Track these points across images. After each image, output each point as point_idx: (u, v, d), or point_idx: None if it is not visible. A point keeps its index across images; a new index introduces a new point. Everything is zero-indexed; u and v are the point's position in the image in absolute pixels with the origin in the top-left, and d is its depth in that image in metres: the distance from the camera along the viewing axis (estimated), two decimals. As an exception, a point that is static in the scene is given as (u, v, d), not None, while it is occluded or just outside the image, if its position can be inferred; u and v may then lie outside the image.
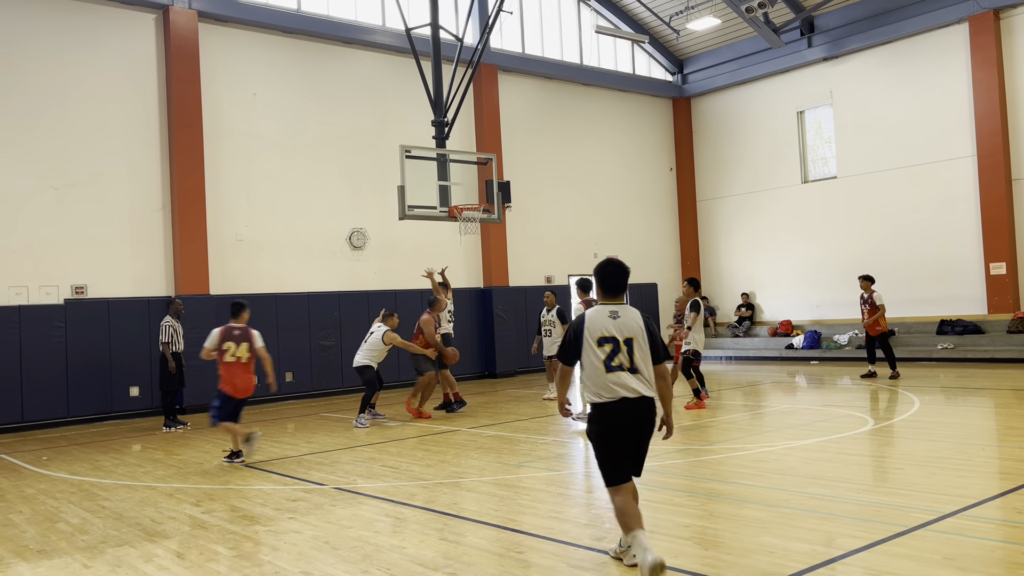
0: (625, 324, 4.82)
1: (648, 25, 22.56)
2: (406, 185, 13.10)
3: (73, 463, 9.87)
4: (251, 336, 9.31)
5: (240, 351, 9.20)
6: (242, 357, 9.21)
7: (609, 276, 4.96)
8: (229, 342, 9.24)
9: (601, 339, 4.79)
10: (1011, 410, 10.69)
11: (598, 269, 5.03)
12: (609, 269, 4.97)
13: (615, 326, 4.81)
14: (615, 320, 4.82)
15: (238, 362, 9.21)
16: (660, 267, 23.36)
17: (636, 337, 4.82)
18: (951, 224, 18.50)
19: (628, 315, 4.86)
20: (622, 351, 4.77)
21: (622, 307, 4.90)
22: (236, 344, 9.22)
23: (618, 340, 4.78)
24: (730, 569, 4.73)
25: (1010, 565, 4.66)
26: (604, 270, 4.98)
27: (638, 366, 4.79)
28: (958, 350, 17.52)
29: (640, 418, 4.79)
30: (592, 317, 4.87)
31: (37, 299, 13.81)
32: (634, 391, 4.74)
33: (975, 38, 17.95)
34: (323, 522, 6.33)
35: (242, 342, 9.22)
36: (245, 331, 9.32)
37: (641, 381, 4.79)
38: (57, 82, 14.27)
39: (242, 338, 9.25)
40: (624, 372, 4.75)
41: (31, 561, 5.69)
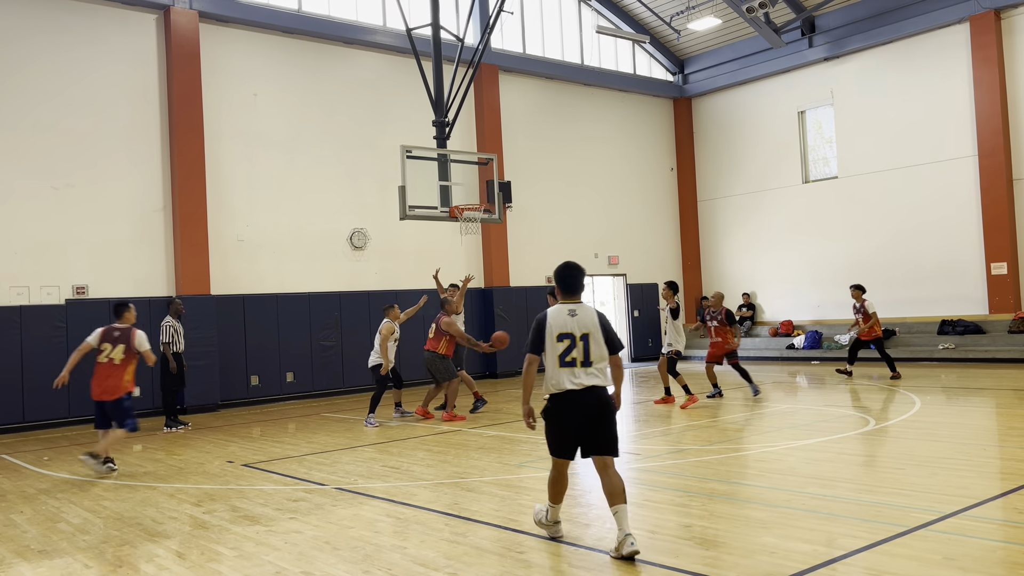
0: (582, 321, 5.33)
1: (649, 25, 22.56)
2: (407, 185, 13.11)
3: (74, 463, 9.87)
4: (131, 337, 8.88)
5: (115, 353, 8.80)
6: (115, 359, 8.80)
7: (568, 278, 5.48)
8: (107, 343, 8.84)
9: (560, 335, 5.30)
10: (1012, 410, 10.69)
11: (557, 272, 5.52)
12: (567, 272, 5.49)
13: (574, 323, 5.31)
14: (573, 317, 5.34)
15: (109, 363, 8.80)
16: (661, 267, 23.35)
17: (592, 332, 5.31)
18: (952, 224, 18.49)
19: (585, 313, 5.36)
20: (578, 346, 5.28)
21: (579, 305, 5.41)
22: (112, 345, 8.82)
23: (575, 336, 5.29)
24: (731, 569, 4.73)
25: (1011, 565, 4.66)
26: (563, 273, 5.50)
27: (592, 359, 5.29)
28: (959, 350, 17.51)
29: (588, 404, 5.27)
30: (553, 315, 5.38)
31: (38, 299, 13.82)
32: (580, 383, 5.25)
33: (976, 38, 17.94)
34: (324, 522, 6.33)
35: (119, 343, 8.81)
36: (125, 332, 8.91)
37: (591, 373, 5.29)
38: (58, 82, 14.28)
39: (121, 339, 8.84)
40: (576, 367, 5.28)
41: (32, 561, 5.69)
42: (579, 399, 5.27)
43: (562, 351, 5.28)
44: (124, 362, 8.82)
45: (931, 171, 18.84)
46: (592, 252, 21.72)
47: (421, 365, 12.92)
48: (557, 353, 5.29)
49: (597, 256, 21.84)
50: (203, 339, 14.86)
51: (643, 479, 7.47)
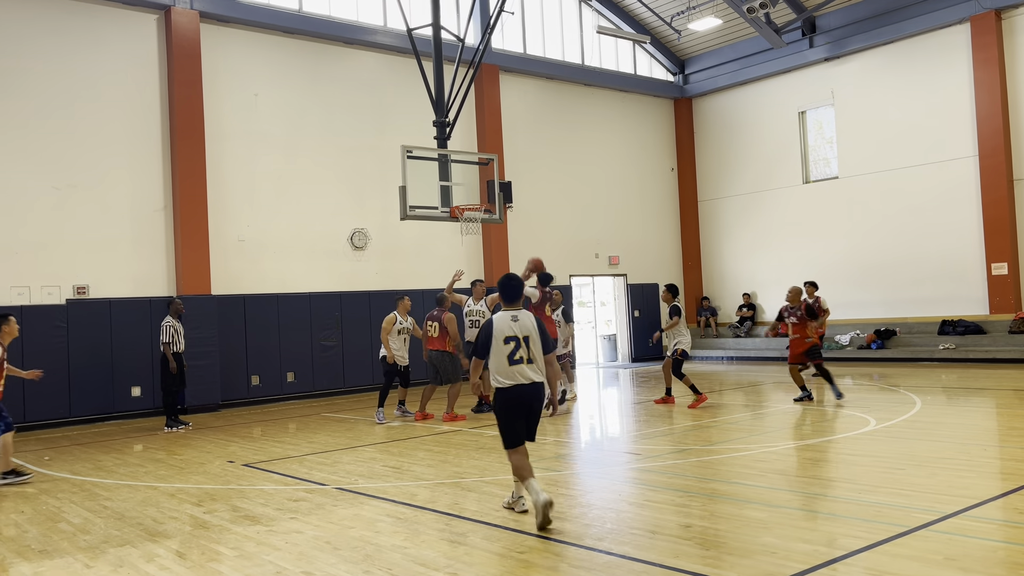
0: (523, 325, 6.13)
1: (649, 25, 22.56)
2: (408, 185, 13.10)
3: (75, 463, 9.88)
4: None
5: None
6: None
7: (509, 288, 6.26)
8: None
9: (506, 338, 6.07)
10: (1013, 410, 10.68)
11: (501, 283, 6.28)
12: (509, 283, 6.26)
13: (516, 327, 6.10)
14: (515, 323, 6.12)
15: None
16: (662, 267, 23.35)
17: (531, 335, 6.12)
18: (953, 224, 18.49)
19: (525, 319, 6.18)
20: (522, 347, 6.05)
21: (520, 312, 6.21)
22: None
23: (519, 338, 6.06)
24: (731, 569, 4.73)
25: (1012, 565, 4.65)
26: (506, 284, 6.27)
27: (534, 357, 6.11)
28: (959, 350, 17.50)
29: (531, 395, 6.08)
30: (498, 321, 6.15)
31: (39, 299, 13.82)
32: (527, 378, 6.05)
33: (977, 38, 17.94)
34: (325, 522, 6.33)
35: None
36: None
37: (533, 370, 6.09)
38: (59, 83, 14.29)
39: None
40: (522, 364, 6.05)
41: (33, 561, 5.69)
42: (526, 391, 6.05)
43: (509, 352, 6.03)
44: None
45: (932, 171, 18.84)
46: (593, 252, 21.72)
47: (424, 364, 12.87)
48: (505, 354, 6.03)
49: (598, 256, 21.84)
50: (204, 339, 14.87)
51: (644, 479, 7.47)
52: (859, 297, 20.13)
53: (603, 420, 12.37)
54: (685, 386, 12.16)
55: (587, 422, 11.95)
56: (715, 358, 21.14)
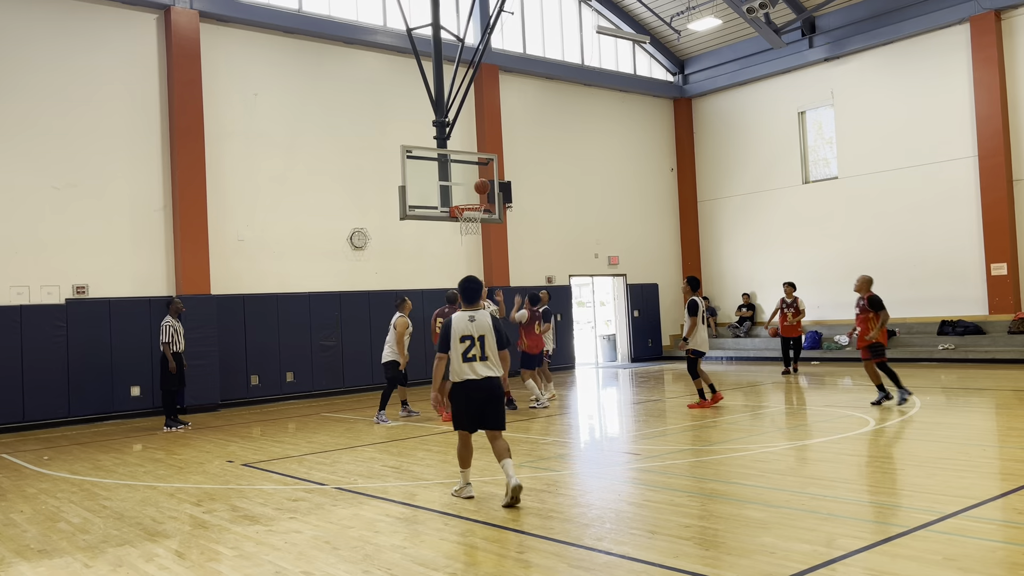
0: (479, 325, 6.67)
1: (649, 25, 22.57)
2: (407, 185, 13.10)
3: (74, 463, 9.87)
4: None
5: None
6: None
7: (468, 290, 6.81)
8: None
9: (462, 337, 6.61)
10: (1012, 411, 10.69)
11: (461, 285, 6.81)
12: (468, 285, 6.81)
13: (472, 327, 6.64)
14: (472, 322, 6.66)
15: None
16: (661, 267, 23.36)
17: (486, 334, 6.64)
18: (952, 225, 18.50)
19: (481, 318, 6.69)
20: (476, 345, 6.59)
21: (477, 312, 6.74)
22: None
23: (474, 337, 6.60)
24: (730, 569, 4.73)
25: (1011, 566, 4.66)
26: (465, 286, 6.82)
27: (488, 355, 6.63)
28: (959, 351, 17.51)
29: (483, 388, 6.61)
30: (456, 320, 6.71)
31: (38, 299, 13.82)
32: (478, 374, 6.59)
33: (976, 39, 17.94)
34: (324, 522, 6.33)
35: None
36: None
37: (487, 366, 6.63)
38: (59, 82, 14.28)
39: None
40: (475, 361, 6.60)
41: (32, 560, 5.69)
42: (477, 386, 6.59)
43: (463, 349, 6.59)
44: None
45: (931, 172, 18.85)
46: (592, 252, 21.72)
47: (424, 364, 12.89)
48: (460, 351, 6.60)
49: (597, 256, 21.84)
50: (203, 339, 14.86)
51: (643, 479, 7.47)
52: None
53: (602, 420, 12.36)
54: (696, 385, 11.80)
55: (586, 422, 11.96)
56: (714, 358, 21.14)
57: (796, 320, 16.17)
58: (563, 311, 20.59)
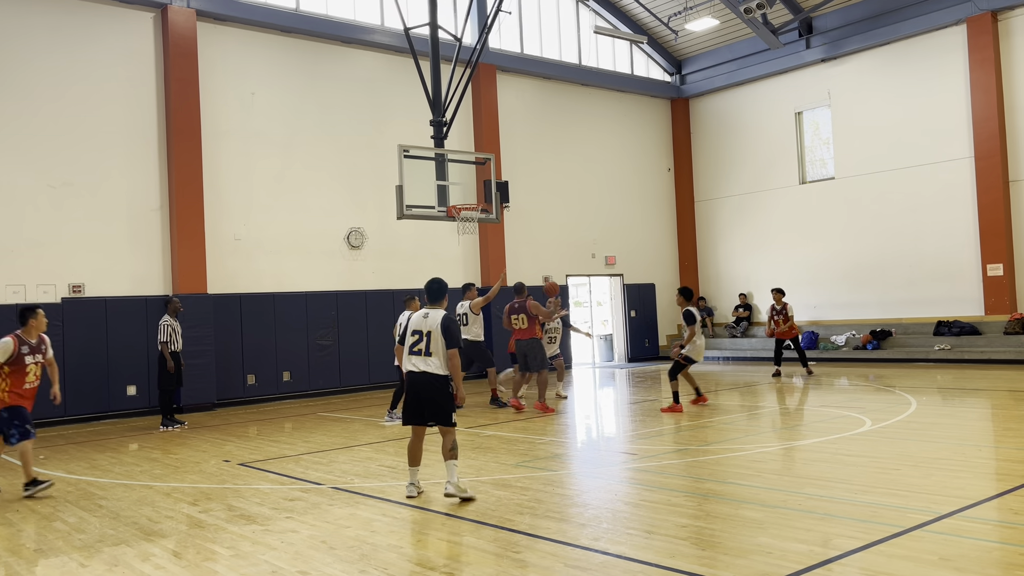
0: (430, 322, 6.96)
1: (647, 26, 22.58)
2: (404, 185, 13.10)
3: (70, 462, 9.86)
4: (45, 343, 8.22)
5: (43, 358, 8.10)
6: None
7: (429, 290, 7.22)
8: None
9: (413, 331, 7.02)
10: (1008, 411, 10.71)
11: (427, 285, 7.24)
12: (432, 285, 7.22)
13: (424, 323, 6.99)
14: (425, 319, 7.01)
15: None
16: (658, 268, 23.38)
17: (433, 331, 6.91)
18: (948, 225, 18.53)
19: (434, 316, 6.99)
20: (423, 340, 6.92)
21: (433, 311, 7.04)
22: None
23: (422, 332, 6.94)
24: (727, 569, 4.74)
25: (1007, 566, 4.67)
26: (429, 286, 7.24)
27: (432, 351, 6.88)
28: (955, 351, 17.54)
29: (423, 383, 6.89)
30: (414, 316, 7.13)
31: (34, 297, 13.79)
32: (418, 368, 6.90)
33: (973, 39, 17.98)
34: (320, 521, 6.33)
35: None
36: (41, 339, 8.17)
37: (428, 361, 6.89)
38: (55, 80, 14.25)
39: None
40: (419, 356, 6.92)
41: (28, 560, 5.68)
42: (417, 379, 6.91)
43: (412, 343, 6.99)
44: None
45: (928, 173, 18.88)
46: (589, 252, 21.73)
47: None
48: (409, 344, 7.01)
49: (594, 256, 21.85)
50: (200, 338, 14.84)
51: (639, 479, 7.48)
52: (855, 298, 20.18)
53: (599, 420, 12.37)
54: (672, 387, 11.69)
55: (583, 422, 11.96)
56: (711, 358, 21.15)
57: (787, 326, 16.16)
58: (560, 311, 20.58)
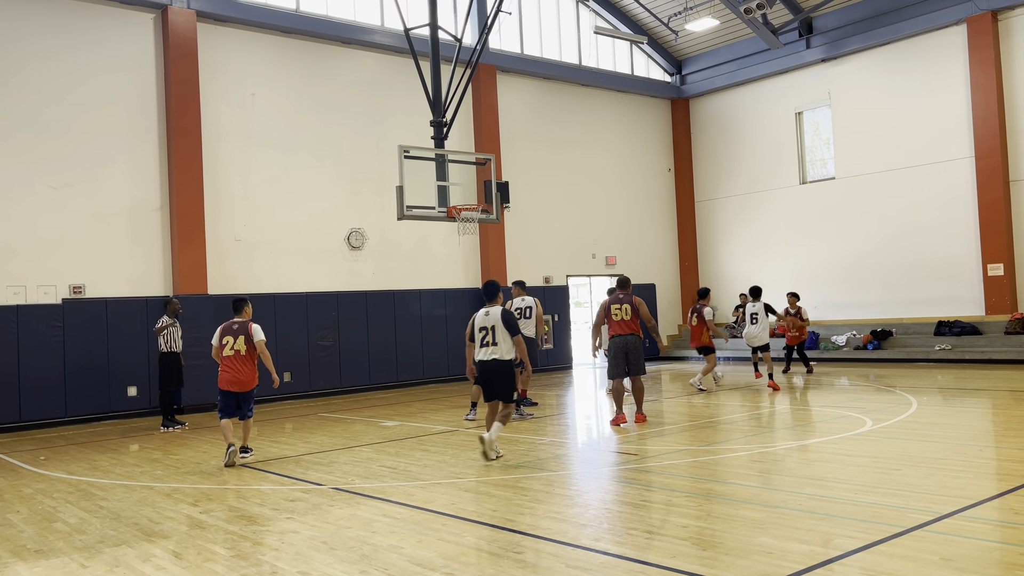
0: (491, 318, 8.59)
1: (647, 26, 22.58)
2: (404, 185, 13.10)
3: (71, 463, 9.86)
4: (249, 330, 9.28)
5: (238, 344, 9.19)
6: (240, 350, 9.18)
7: (486, 291, 8.84)
8: (228, 336, 9.24)
9: (480, 328, 8.66)
10: (1008, 411, 10.70)
11: (483, 286, 8.89)
12: (487, 286, 8.85)
13: (487, 320, 8.61)
14: (487, 316, 8.64)
15: (236, 355, 9.18)
16: (658, 268, 23.37)
17: (496, 325, 8.54)
18: (949, 225, 18.53)
19: (494, 313, 8.62)
20: (490, 334, 8.56)
21: (492, 308, 8.67)
22: (234, 338, 9.21)
23: (488, 327, 8.58)
24: (728, 569, 4.74)
25: (1007, 566, 4.66)
26: (485, 287, 8.87)
27: (498, 341, 8.53)
28: (956, 351, 17.53)
29: (491, 369, 8.58)
30: (477, 316, 8.76)
31: (35, 299, 13.79)
32: (488, 356, 8.57)
33: (973, 39, 17.97)
34: (321, 522, 6.32)
35: (239, 335, 9.22)
36: (243, 325, 9.31)
37: (495, 350, 8.54)
38: (55, 81, 14.26)
39: (240, 332, 9.25)
40: (487, 346, 8.58)
41: (29, 561, 5.68)
42: (486, 366, 8.58)
43: (481, 337, 8.61)
44: (249, 353, 9.22)
45: (928, 173, 18.88)
46: (590, 253, 21.73)
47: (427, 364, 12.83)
48: (479, 338, 8.63)
49: (595, 256, 21.85)
50: (200, 339, 14.81)
51: (640, 479, 7.47)
52: (855, 298, 20.17)
53: (599, 420, 12.36)
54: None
55: (583, 422, 11.96)
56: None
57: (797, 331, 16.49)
58: (560, 311, 20.60)
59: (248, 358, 9.22)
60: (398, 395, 16.34)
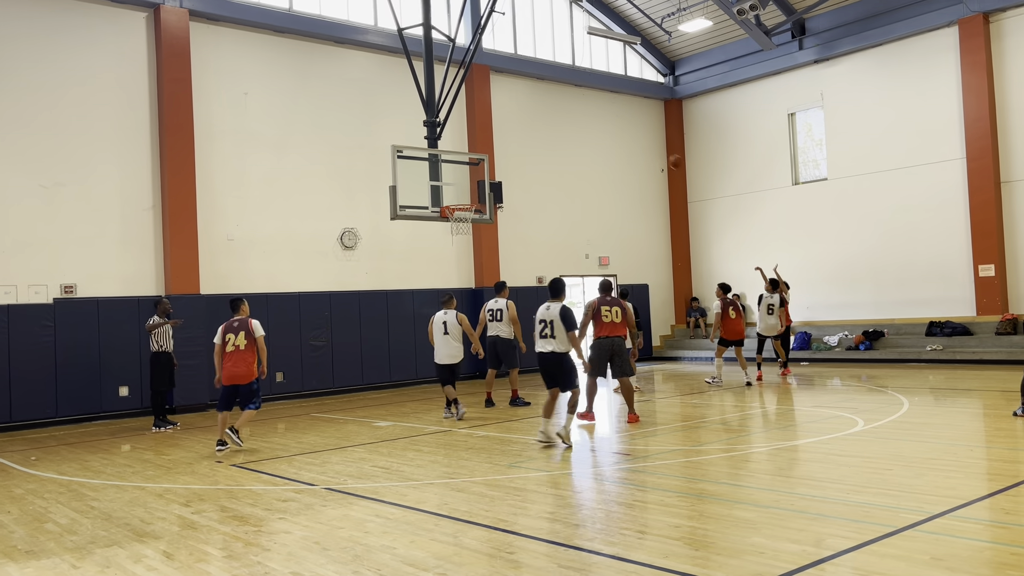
0: (551, 313, 9.20)
1: (640, 26, 22.60)
2: (398, 185, 13.09)
3: (62, 463, 9.82)
4: (250, 326, 9.90)
5: (238, 339, 9.79)
6: (240, 345, 9.77)
7: (552, 288, 9.49)
8: (229, 334, 9.87)
9: (540, 320, 9.27)
10: (999, 411, 10.75)
11: (550, 283, 9.52)
12: (553, 284, 9.50)
13: (547, 314, 9.23)
14: (548, 310, 9.25)
15: (236, 350, 9.77)
16: (651, 268, 23.40)
17: (555, 320, 9.11)
18: (941, 226, 18.60)
19: (554, 308, 9.20)
20: (548, 327, 9.16)
21: (554, 303, 9.28)
22: (235, 335, 9.82)
23: (547, 321, 9.19)
24: (720, 569, 4.75)
25: (998, 566, 4.69)
26: (551, 284, 9.53)
27: (556, 335, 9.12)
28: (947, 351, 17.61)
29: (550, 360, 9.23)
30: (540, 309, 9.36)
31: (26, 298, 13.73)
32: (547, 349, 9.21)
33: (965, 41, 18.05)
34: (313, 522, 6.31)
35: (240, 332, 9.83)
36: (244, 322, 9.95)
37: (552, 343, 9.15)
38: (47, 80, 14.20)
39: (240, 328, 9.87)
40: (546, 339, 9.19)
41: (19, 562, 5.66)
42: (545, 357, 9.25)
43: (540, 330, 9.24)
44: (248, 348, 9.81)
45: (920, 174, 18.95)
46: (583, 253, 21.74)
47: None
48: (538, 331, 9.26)
49: (588, 257, 21.86)
50: (192, 339, 14.81)
51: (632, 479, 7.48)
52: (847, 298, 20.24)
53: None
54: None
55: (576, 422, 11.94)
56: (704, 359, 21.19)
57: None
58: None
59: (247, 352, 9.79)
60: (391, 395, 16.32)
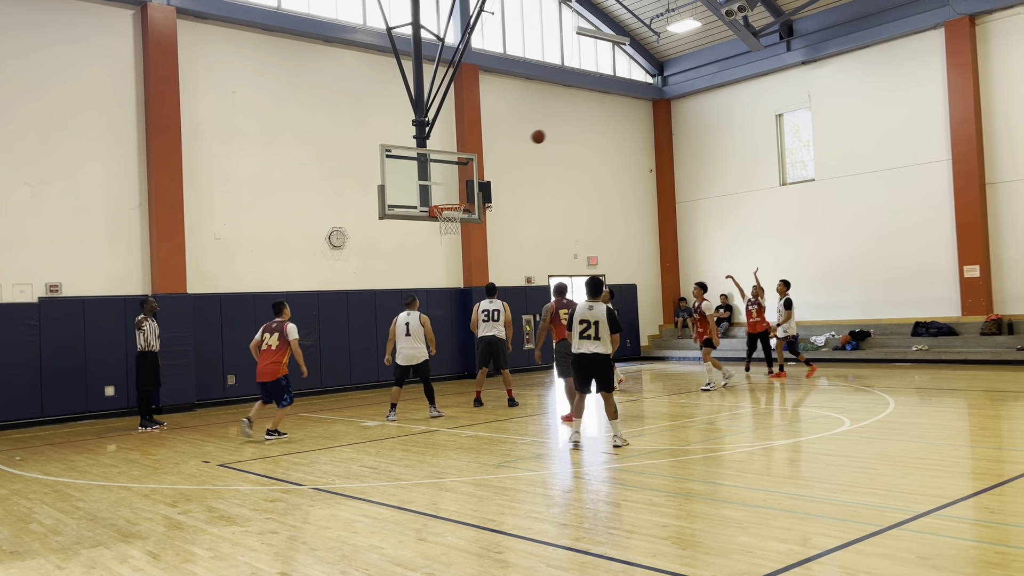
0: (595, 313, 8.84)
1: (629, 27, 22.64)
2: (386, 184, 13.06)
3: (47, 463, 9.75)
4: (285, 329, 10.72)
5: (271, 340, 10.65)
6: (271, 345, 10.63)
7: (589, 286, 9.13)
8: (266, 333, 10.75)
9: (581, 320, 8.87)
10: (984, 411, 10.83)
11: (586, 282, 9.16)
12: (591, 282, 9.13)
13: (590, 314, 8.84)
14: (590, 311, 8.87)
15: (268, 350, 10.63)
16: (639, 268, 23.45)
17: (600, 321, 8.78)
18: (926, 227, 18.72)
19: (598, 309, 8.88)
20: (591, 327, 8.80)
21: (596, 303, 8.94)
22: (270, 335, 10.69)
23: (590, 321, 8.81)
24: (707, 568, 4.76)
25: (983, 564, 4.72)
26: (587, 283, 9.16)
27: (600, 336, 8.78)
28: (932, 351, 17.72)
29: (591, 361, 8.82)
30: (579, 307, 9.00)
31: (11, 297, 13.62)
32: (589, 349, 8.81)
33: (951, 43, 18.17)
34: (301, 523, 6.29)
35: (275, 333, 10.69)
36: (281, 324, 10.79)
37: (596, 344, 8.78)
38: (33, 77, 14.09)
39: (276, 330, 10.73)
40: (588, 340, 8.80)
41: (3, 562, 5.61)
42: (585, 357, 8.83)
43: (581, 330, 8.82)
44: (280, 348, 10.64)
45: (906, 175, 19.06)
46: (571, 253, 21.76)
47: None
48: (579, 331, 8.84)
49: (576, 257, 21.89)
50: (179, 338, 14.73)
51: (621, 479, 7.50)
52: (834, 299, 20.34)
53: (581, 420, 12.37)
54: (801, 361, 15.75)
55: (564, 422, 11.95)
56: (692, 359, 21.24)
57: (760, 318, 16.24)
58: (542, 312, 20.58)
59: (276, 353, 10.63)
60: (379, 395, 16.28)
